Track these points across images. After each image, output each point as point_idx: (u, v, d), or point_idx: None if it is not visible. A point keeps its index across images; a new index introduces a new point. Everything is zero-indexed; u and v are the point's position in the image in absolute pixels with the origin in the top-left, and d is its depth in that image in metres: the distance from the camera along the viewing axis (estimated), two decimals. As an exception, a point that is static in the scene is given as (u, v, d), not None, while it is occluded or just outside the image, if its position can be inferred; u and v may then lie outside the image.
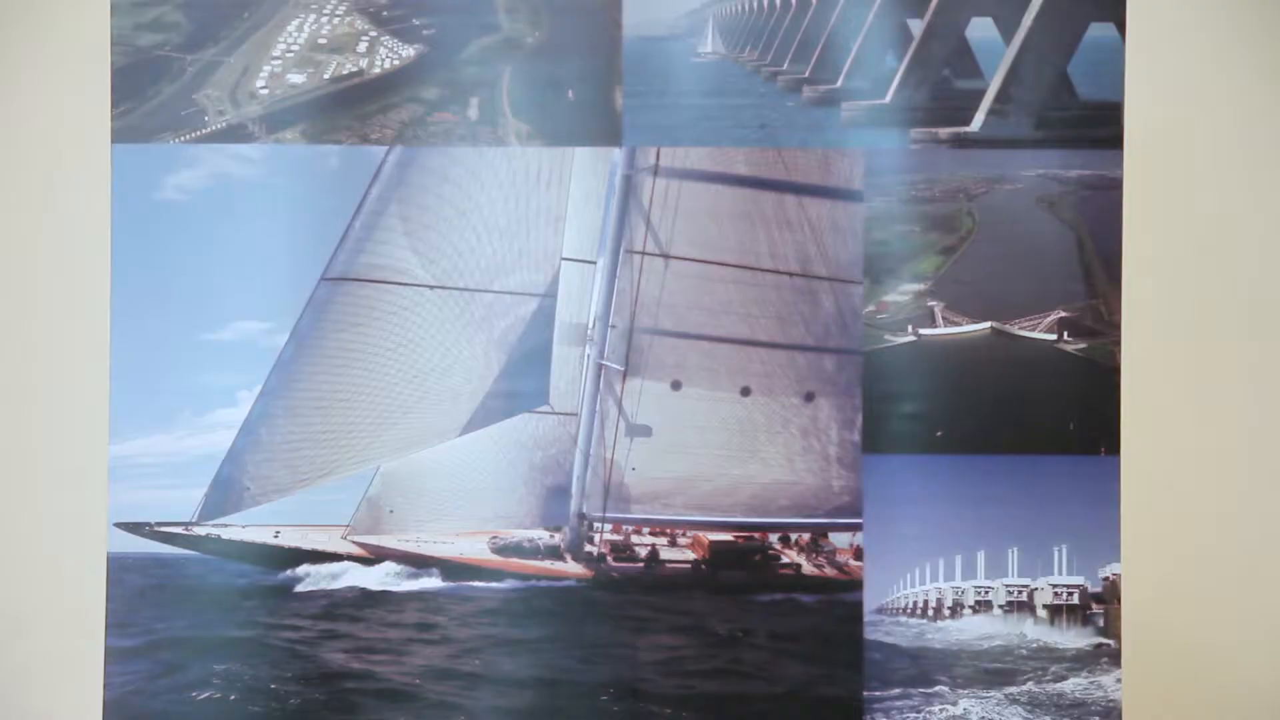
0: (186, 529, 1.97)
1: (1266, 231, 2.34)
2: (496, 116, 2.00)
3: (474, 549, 2.03)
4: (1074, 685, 2.03)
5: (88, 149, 2.06)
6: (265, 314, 1.97)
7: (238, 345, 1.96)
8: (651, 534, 2.06)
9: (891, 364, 2.04)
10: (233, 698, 1.95)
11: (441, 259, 2.00)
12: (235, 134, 1.99)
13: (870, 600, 2.04)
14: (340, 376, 2.00)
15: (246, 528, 1.98)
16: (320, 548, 2.00)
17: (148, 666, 1.94)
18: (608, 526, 2.05)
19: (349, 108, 2.00)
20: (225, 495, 1.97)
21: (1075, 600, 2.03)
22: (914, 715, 2.03)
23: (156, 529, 1.96)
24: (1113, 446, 2.03)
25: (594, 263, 2.06)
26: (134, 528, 1.96)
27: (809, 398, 2.06)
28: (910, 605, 2.04)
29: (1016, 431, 2.04)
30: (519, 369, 2.03)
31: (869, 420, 2.04)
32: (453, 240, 2.01)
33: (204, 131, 1.98)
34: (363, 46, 2.00)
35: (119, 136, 1.99)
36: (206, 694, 1.95)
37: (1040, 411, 2.04)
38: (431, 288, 2.01)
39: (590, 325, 2.06)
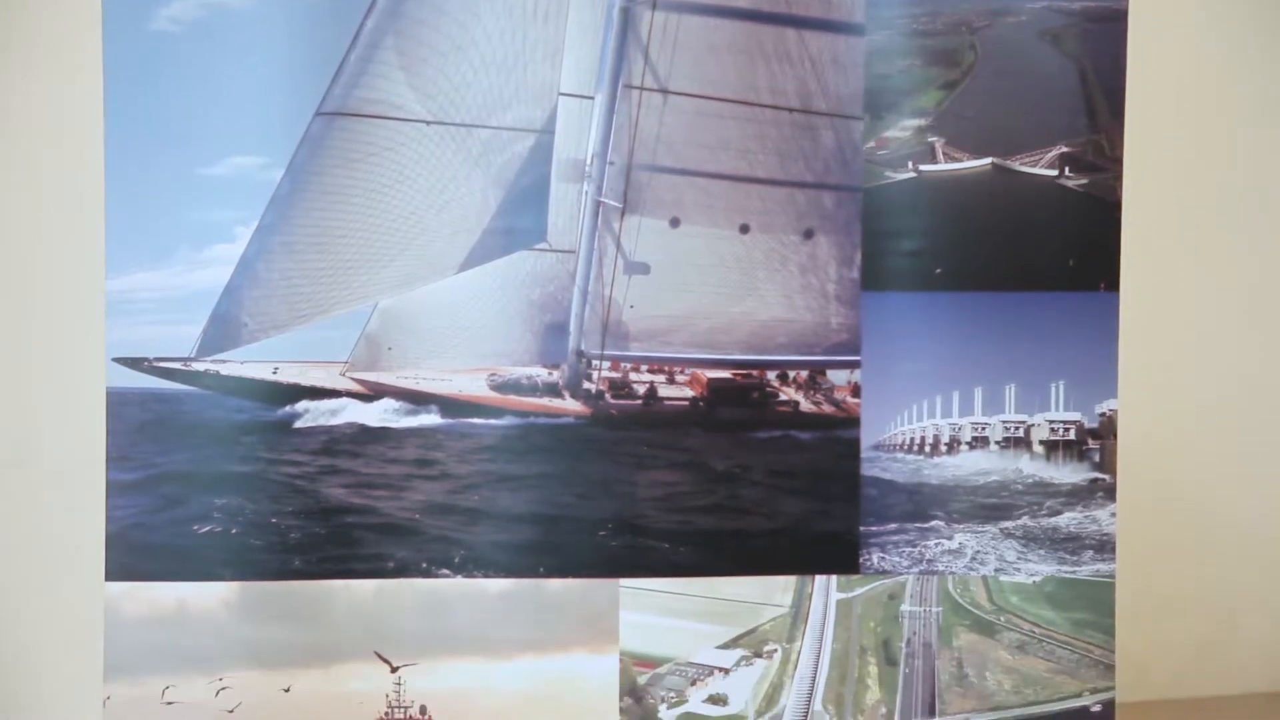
0: (185, 364, 1.97)
1: (1272, 65, 2.31)
2: (493, -53, 1.97)
3: (472, 386, 2.03)
4: (1069, 519, 2.04)
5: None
6: (260, 149, 1.95)
7: (233, 180, 1.95)
8: (650, 371, 2.06)
9: (891, 200, 2.03)
10: (234, 531, 1.96)
11: (438, 94, 1.98)
12: (227, -35, 1.96)
13: (867, 437, 2.05)
14: (337, 213, 1.99)
15: (245, 364, 1.98)
16: (319, 384, 2.00)
17: (149, 500, 1.95)
18: (606, 364, 2.05)
19: (343, -62, 1.97)
20: (223, 331, 1.97)
21: (1072, 436, 2.04)
22: (910, 549, 2.04)
23: (155, 364, 1.96)
24: (1112, 282, 2.02)
25: (592, 98, 2.03)
26: (132, 363, 1.95)
27: (808, 235, 2.05)
28: (907, 441, 2.05)
29: (1016, 268, 2.03)
30: (516, 206, 2.02)
31: (868, 257, 2.03)
32: (449, 74, 1.98)
33: (196, -38, 1.95)
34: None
35: (109, -35, 1.96)
36: (208, 527, 1.96)
37: (1040, 248, 2.03)
38: (428, 123, 1.99)
39: (588, 161, 2.04)
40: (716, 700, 2.03)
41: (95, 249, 1.95)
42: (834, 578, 2.04)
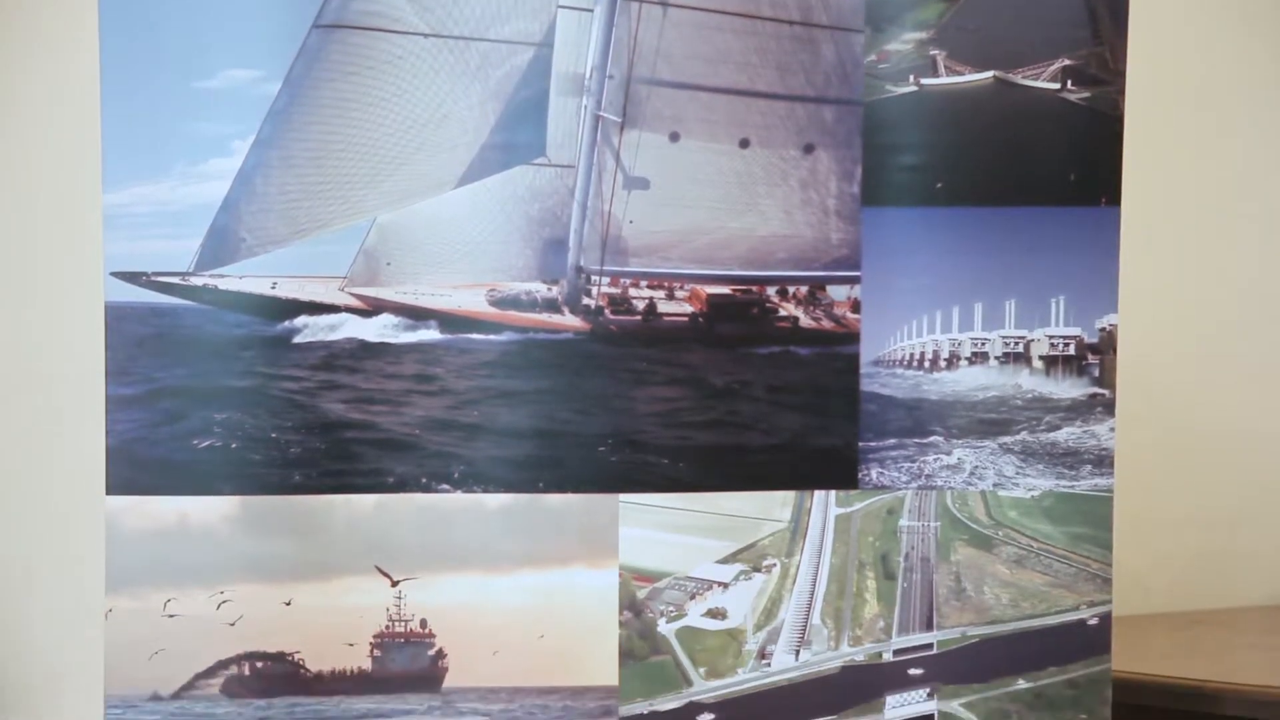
0: (183, 279, 1.96)
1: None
2: None
3: (471, 301, 2.03)
4: (1067, 435, 2.04)
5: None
6: (257, 62, 1.94)
7: (230, 94, 1.94)
8: (649, 287, 2.05)
9: (892, 115, 2.01)
10: (234, 446, 1.96)
11: (436, 6, 1.97)
12: None
13: (867, 352, 2.05)
14: (335, 127, 1.98)
15: (244, 278, 1.98)
16: (318, 299, 2.00)
17: (148, 415, 1.95)
18: (605, 279, 2.04)
19: None
20: (221, 246, 1.96)
21: (1071, 351, 2.04)
22: (908, 465, 2.05)
23: (153, 278, 1.95)
24: (1113, 197, 2.01)
25: (591, 10, 2.02)
26: (130, 277, 1.95)
27: (808, 149, 2.04)
28: (907, 357, 2.05)
29: (1017, 183, 2.02)
30: (515, 120, 2.01)
31: (868, 172, 2.02)
32: (446, -15, 1.97)
33: None
34: None
35: None
36: (208, 442, 1.96)
37: (1042, 162, 2.02)
38: (426, 35, 1.97)
39: (587, 75, 2.03)
40: (715, 614, 2.04)
41: (92, 162, 1.94)
42: (833, 493, 2.05)
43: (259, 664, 1.98)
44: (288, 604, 1.98)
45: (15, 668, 2.57)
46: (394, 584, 2.00)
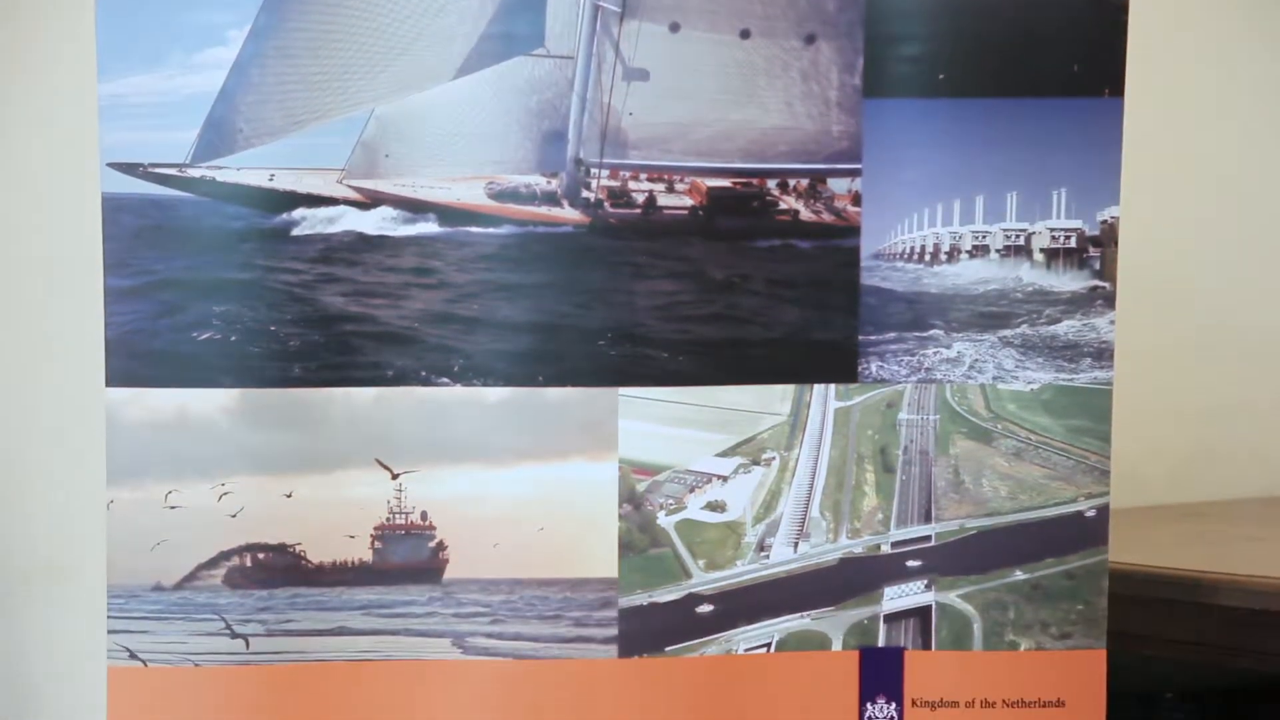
0: (180, 170, 1.95)
1: None
2: None
3: (470, 194, 2.02)
4: (1068, 328, 2.04)
5: None
6: (253, -50, 1.92)
7: (225, -18, 1.92)
8: (649, 180, 2.04)
9: (894, 5, 1.99)
10: (233, 338, 1.96)
11: (431, -110, 1.94)
12: None
13: (867, 246, 2.04)
14: (332, 16, 1.96)
15: (241, 170, 1.97)
16: (316, 191, 1.98)
17: (147, 307, 1.94)
18: (605, 172, 2.03)
19: None
20: (218, 136, 1.95)
21: (1073, 244, 2.03)
22: (908, 358, 2.05)
23: (150, 170, 1.94)
24: (1116, 88, 2.00)
25: (589, -102, 1.99)
26: (127, 168, 1.94)
27: (809, 40, 2.02)
28: (907, 250, 2.04)
29: (1020, 74, 2.01)
30: (513, 10, 1.99)
31: (870, 63, 2.00)
32: (444, -128, 1.94)
33: None
34: None
35: None
36: (207, 334, 1.96)
37: (1045, 53, 2.00)
38: (423, -78, 1.95)
39: (586, -35, 2.01)
40: (715, 507, 2.05)
41: (87, 49, 1.92)
42: (832, 386, 2.05)
43: (260, 555, 1.99)
44: (288, 496, 1.99)
45: (17, 559, 2.59)
46: (394, 477, 2.01)
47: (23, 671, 2.61)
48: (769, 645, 2.05)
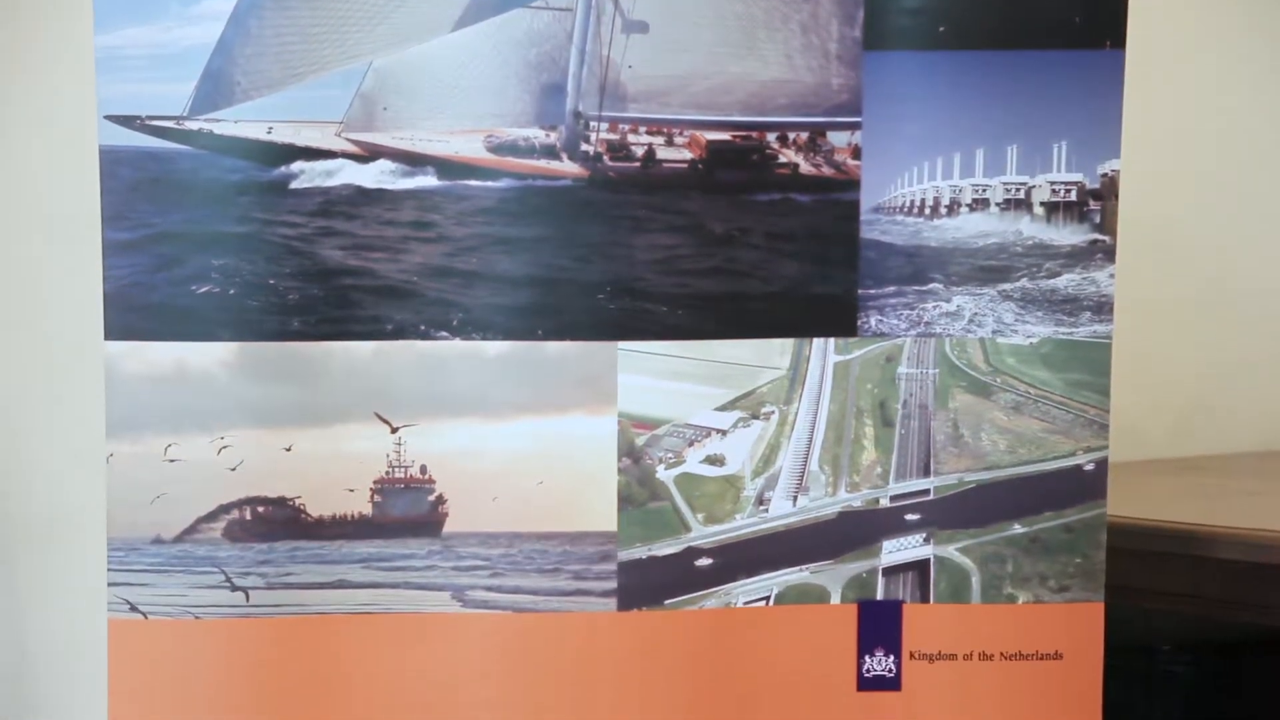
0: (178, 123, 1.94)
1: None
2: None
3: (469, 147, 2.01)
4: (1067, 281, 2.04)
5: None
6: (249, -99, 1.91)
7: (222, -67, 1.91)
8: (648, 133, 2.03)
9: (894, -44, 1.99)
10: (231, 292, 1.96)
11: None
12: None
13: (867, 199, 2.03)
14: (329, -33, 1.95)
15: (239, 123, 1.96)
16: (314, 145, 1.98)
17: (146, 260, 1.94)
18: (604, 125, 2.02)
19: None
20: (216, 89, 1.94)
21: (1073, 197, 2.03)
22: (908, 312, 2.04)
23: (147, 122, 1.94)
24: (1118, 40, 1.99)
25: None
26: (125, 121, 1.93)
27: (810, -9, 2.01)
28: (907, 204, 2.04)
29: (1021, 26, 2.00)
30: (512, -39, 1.98)
31: (871, 15, 1.99)
32: None
33: None
34: None
35: None
36: (205, 288, 1.95)
37: (1046, 5, 1.99)
38: None
39: (586, -86, 2.00)
40: (714, 461, 2.05)
41: (84, 2, 1.91)
42: (831, 340, 2.05)
43: (260, 509, 1.99)
44: (288, 450, 1.99)
45: (18, 513, 2.59)
46: (393, 430, 2.01)
47: (23, 625, 2.61)
48: (768, 598, 2.06)
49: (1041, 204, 2.03)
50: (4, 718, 2.62)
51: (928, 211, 2.03)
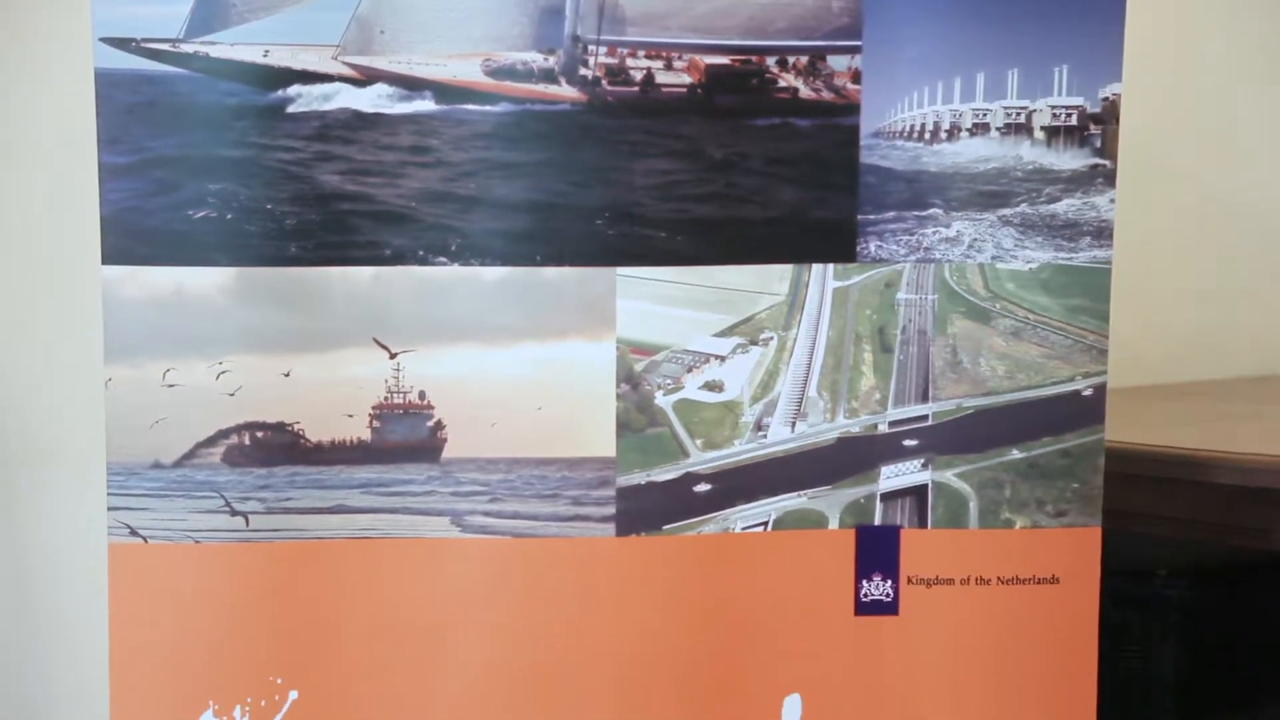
0: (174, 46, 1.93)
1: None
2: None
3: (467, 71, 2.00)
4: (1067, 206, 2.03)
5: None
6: None
7: None
8: (647, 57, 2.02)
9: (896, -123, 1.97)
10: (229, 217, 1.95)
11: None
12: None
13: (867, 124, 2.02)
14: (323, -108, 1.93)
15: (235, 46, 1.94)
16: (311, 68, 1.97)
17: (142, 184, 1.93)
18: (603, 49, 2.01)
19: None
20: (211, 11, 1.93)
21: (1074, 121, 2.02)
22: (907, 238, 2.04)
23: (143, 45, 1.92)
24: (1120, -37, 1.98)
25: None
26: (120, 43, 1.92)
27: (810, -87, 1.99)
28: (907, 129, 2.03)
29: (1023, -52, 1.99)
30: (510, -119, 1.96)
31: (871, -64, 1.98)
32: None
33: None
34: None
35: None
36: (203, 213, 1.95)
37: (1048, -74, 1.98)
38: None
39: None
40: (713, 386, 2.06)
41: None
42: (830, 266, 2.04)
43: (259, 434, 2.00)
44: (286, 375, 1.99)
45: (16, 438, 2.60)
46: (392, 356, 2.01)
47: (23, 550, 2.62)
48: (766, 524, 2.06)
49: (1042, 128, 2.02)
50: (5, 642, 2.63)
51: (928, 136, 2.02)
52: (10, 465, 2.61)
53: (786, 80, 2.03)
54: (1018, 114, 2.02)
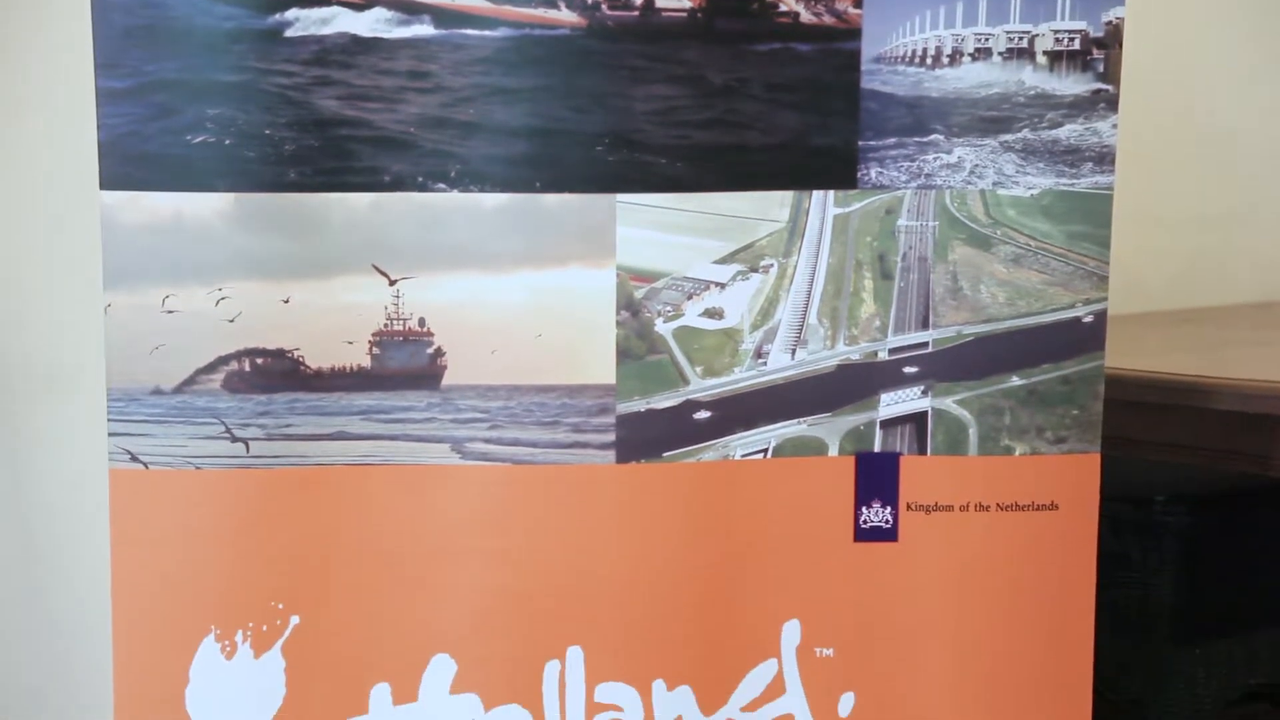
0: (170, -34, 1.91)
1: None
2: None
3: (465, -6, 1.98)
4: (1069, 131, 2.02)
5: None
6: None
7: None
8: (647, -19, 2.00)
9: None
10: (227, 142, 1.94)
11: None
12: None
13: (868, 49, 2.01)
14: None
15: (232, -32, 1.93)
16: (308, -9, 1.95)
17: (140, 109, 1.92)
18: (602, -27, 1.99)
19: None
20: (208, -68, 1.91)
21: (1076, 46, 2.01)
22: (908, 164, 2.03)
23: (139, -34, 1.91)
24: (1125, -115, 1.96)
25: None
26: (116, -35, 1.90)
27: None
28: (908, 53, 2.02)
29: None
30: None
31: None
32: None
33: None
34: None
35: None
36: (201, 138, 1.94)
37: None
38: None
39: None
40: (712, 314, 2.05)
41: None
42: (831, 193, 2.04)
43: (259, 360, 1.99)
44: (286, 301, 1.99)
45: (17, 363, 2.60)
46: (391, 283, 2.00)
47: (24, 476, 2.63)
48: (766, 451, 2.06)
49: (1044, 53, 2.00)
50: (7, 570, 2.65)
51: (929, 61, 2.01)
52: (10, 391, 2.61)
53: (787, 4, 2.01)
54: (1020, 38, 2.00)
